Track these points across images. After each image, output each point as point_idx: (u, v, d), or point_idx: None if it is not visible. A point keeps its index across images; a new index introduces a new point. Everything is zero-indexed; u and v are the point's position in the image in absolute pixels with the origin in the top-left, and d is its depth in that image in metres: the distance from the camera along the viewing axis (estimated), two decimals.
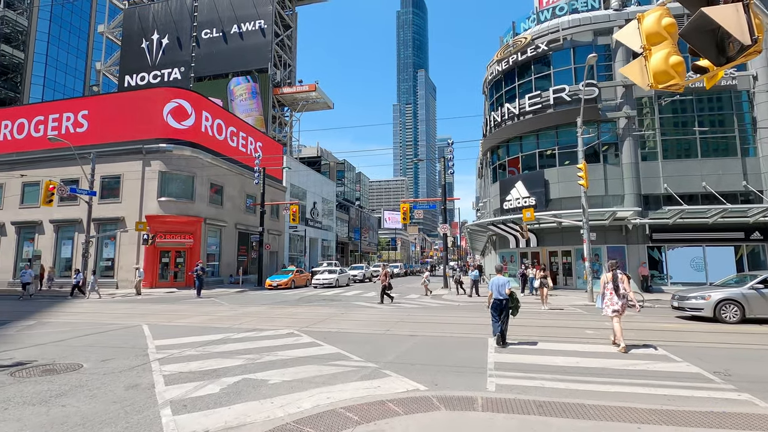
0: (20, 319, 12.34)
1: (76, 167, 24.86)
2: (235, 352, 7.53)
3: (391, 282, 17.57)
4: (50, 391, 5.20)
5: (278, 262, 37.88)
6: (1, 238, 27.99)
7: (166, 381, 5.61)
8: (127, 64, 52.65)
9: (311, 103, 53.73)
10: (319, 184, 50.82)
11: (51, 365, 6.53)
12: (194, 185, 27.44)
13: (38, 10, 61.05)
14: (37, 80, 59.89)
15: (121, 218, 25.84)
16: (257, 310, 14.65)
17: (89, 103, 30.03)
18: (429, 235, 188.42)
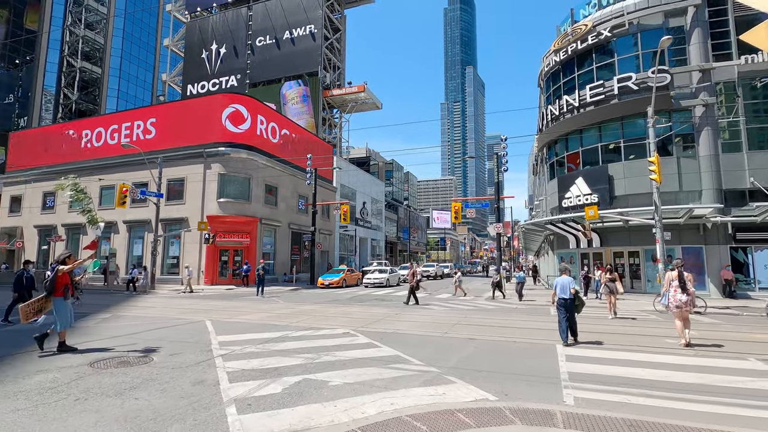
0: (98, 312, 13.28)
1: (146, 171, 26.68)
2: (293, 350, 7.53)
3: (419, 282, 16.98)
4: (124, 383, 5.40)
5: (329, 261, 38.51)
6: (82, 237, 30.68)
7: (229, 378, 5.65)
8: (189, 74, 55.95)
9: (360, 104, 54.24)
10: (368, 184, 51.16)
11: (125, 358, 6.84)
12: (250, 186, 28.50)
13: (113, 29, 66.56)
14: (112, 92, 65.31)
15: (185, 218, 27.37)
16: (312, 308, 14.81)
17: (156, 111, 32.15)
18: (479, 235, 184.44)
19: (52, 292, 7.22)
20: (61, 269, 7.31)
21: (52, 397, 4.82)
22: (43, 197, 32.92)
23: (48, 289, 7.22)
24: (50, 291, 7.22)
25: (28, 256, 32.57)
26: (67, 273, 7.40)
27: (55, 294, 7.24)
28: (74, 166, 31.60)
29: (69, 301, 7.39)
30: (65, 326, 7.34)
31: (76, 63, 61.92)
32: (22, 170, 34.41)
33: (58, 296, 7.25)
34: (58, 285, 7.24)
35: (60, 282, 7.26)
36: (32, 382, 5.44)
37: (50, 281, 7.20)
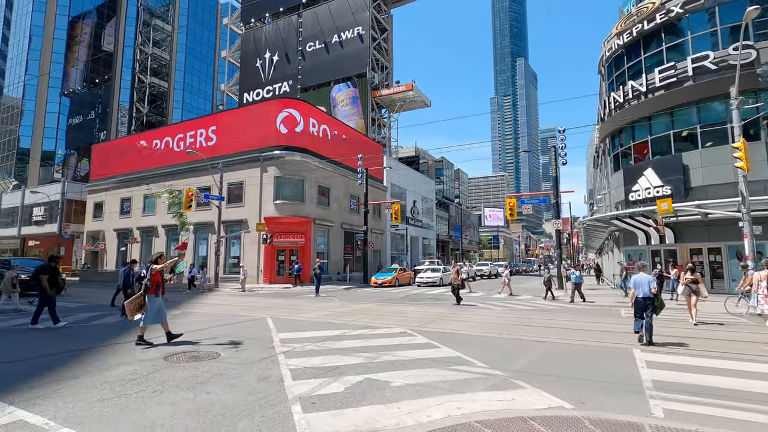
0: (170, 309, 14.16)
1: (208, 176, 28.28)
2: (352, 349, 7.51)
3: (464, 281, 16.36)
4: (195, 377, 5.62)
5: (381, 260, 38.71)
6: (154, 239, 33.15)
7: (293, 375, 5.71)
8: (245, 82, 58.69)
9: (408, 103, 54.06)
10: (418, 183, 50.85)
11: (195, 352, 7.17)
12: (304, 188, 29.30)
13: (176, 45, 71.46)
14: (177, 104, 70.14)
15: (245, 220, 28.67)
16: (367, 307, 14.87)
17: (216, 119, 33.98)
18: (534, 233, 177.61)
19: (147, 289, 7.78)
20: (154, 268, 7.89)
21: (132, 388, 5.11)
22: (121, 203, 35.95)
23: (143, 287, 7.81)
24: (146, 289, 7.79)
25: (109, 257, 35.79)
26: (159, 272, 7.95)
27: (149, 291, 7.81)
28: (146, 173, 34.27)
29: (159, 298, 7.96)
30: (150, 322, 7.85)
31: (146, 79, 67.16)
32: (103, 179, 37.81)
33: (151, 293, 7.83)
34: (152, 283, 7.83)
35: (153, 280, 7.84)
36: (116, 373, 5.82)
37: (147, 280, 7.80)
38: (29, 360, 6.74)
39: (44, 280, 9.99)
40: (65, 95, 61.70)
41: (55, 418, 4.13)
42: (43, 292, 9.99)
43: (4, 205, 47.47)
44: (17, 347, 7.90)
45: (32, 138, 58.88)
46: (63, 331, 9.71)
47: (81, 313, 12.85)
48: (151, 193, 32.22)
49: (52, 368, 6.11)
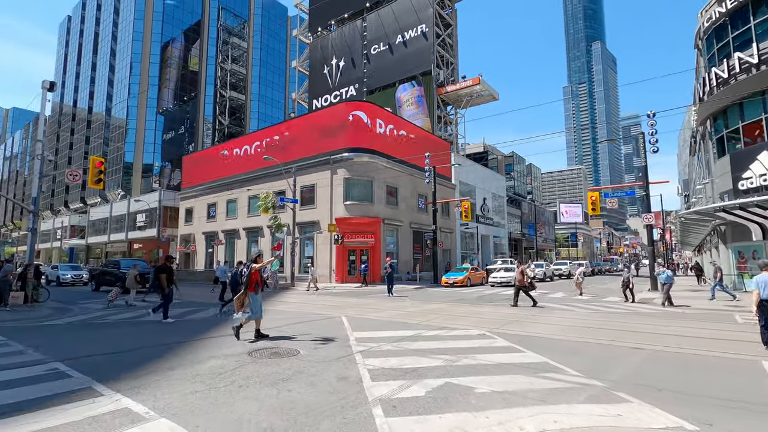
0: None
1: (283, 180, 29.70)
2: (429, 351, 7.25)
3: (532, 282, 15.09)
4: (277, 374, 5.72)
5: (450, 259, 37.96)
6: (236, 241, 35.59)
7: (371, 376, 5.59)
8: (314, 89, 61.01)
9: (476, 98, 52.52)
10: (488, 180, 49.18)
11: (276, 349, 7.37)
12: (373, 188, 29.62)
13: (252, 59, 76.46)
14: (254, 115, 74.98)
15: (317, 221, 29.68)
16: (440, 307, 14.51)
17: (288, 126, 35.60)
18: (617, 229, 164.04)
19: (248, 287, 8.26)
20: (253, 267, 8.38)
21: (221, 382, 5.32)
22: (207, 208, 39.13)
23: (245, 285, 8.29)
24: (246, 286, 8.26)
25: (199, 258, 39.06)
26: (258, 271, 8.45)
27: (249, 289, 8.26)
28: (228, 180, 36.91)
29: (259, 295, 8.47)
30: (256, 317, 8.33)
31: (226, 93, 72.62)
32: (192, 187, 41.46)
33: (251, 291, 8.28)
34: (251, 281, 8.32)
35: (252, 279, 8.33)
36: (206, 366, 6.13)
37: (246, 278, 8.28)
38: (134, 351, 7.39)
39: (163, 278, 11.06)
40: (160, 113, 68.82)
41: (154, 408, 4.38)
42: (162, 290, 11.07)
43: (114, 213, 54.09)
44: (125, 339, 8.73)
45: (134, 153, 66.44)
46: (163, 325, 10.61)
47: (176, 309, 14.01)
48: (255, 195, 33.97)
49: (151, 359, 6.61)
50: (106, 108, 73.36)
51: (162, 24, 68.18)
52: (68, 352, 7.25)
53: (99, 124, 74.89)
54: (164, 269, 11.21)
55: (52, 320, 11.60)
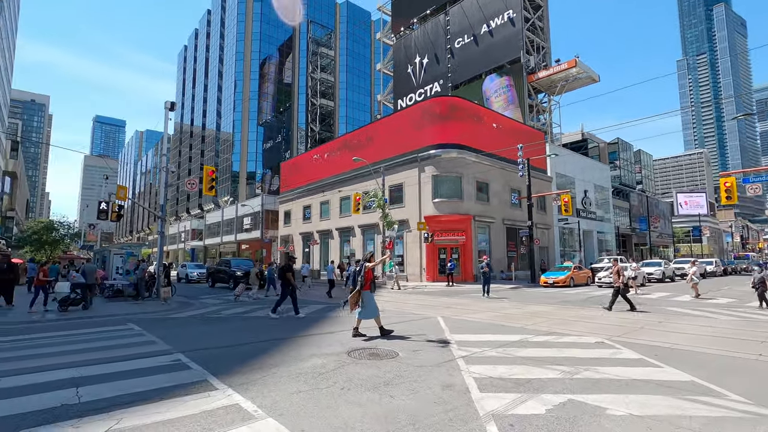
0: (340, 305, 15.25)
1: (371, 180, 30.19)
2: (541, 359, 6.49)
3: (629, 284, 12.80)
4: (378, 377, 5.50)
5: (548, 257, 35.33)
6: (330, 241, 37.15)
7: (479, 386, 5.08)
8: (398, 89, 61.45)
9: (571, 82, 48.33)
10: (589, 170, 44.89)
11: (374, 350, 7.21)
12: (462, 185, 28.70)
13: (339, 66, 79.70)
14: (342, 119, 78.07)
15: (406, 220, 29.63)
16: (542, 309, 13.32)
17: (375, 127, 36.21)
18: (753, 221, 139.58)
19: (362, 286, 8.31)
20: (367, 266, 8.41)
21: (323, 383, 5.24)
22: (303, 210, 41.49)
23: (360, 284, 8.33)
24: (361, 285, 8.28)
25: (297, 257, 41.59)
26: (371, 270, 8.44)
27: (363, 288, 8.29)
28: (320, 183, 38.70)
29: (373, 294, 8.44)
30: (368, 317, 8.35)
31: (317, 101, 76.65)
32: (289, 191, 44.34)
33: (365, 290, 8.31)
34: (366, 280, 8.31)
35: (366, 277, 8.32)
36: (308, 365, 6.16)
37: (361, 277, 8.33)
38: (243, 345, 7.79)
39: (290, 277, 11.53)
40: (260, 125, 75.05)
41: (262, 406, 4.40)
42: (287, 286, 11.61)
43: (225, 217, 60.27)
44: (235, 333, 9.33)
45: (240, 162, 73.39)
46: (268, 321, 11.21)
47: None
48: (346, 196, 35.08)
49: (258, 355, 6.86)
50: (216, 124, 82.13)
51: (260, 43, 74.23)
52: (188, 344, 7.89)
53: (211, 138, 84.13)
54: (290, 268, 11.70)
55: (176, 313, 12.97)
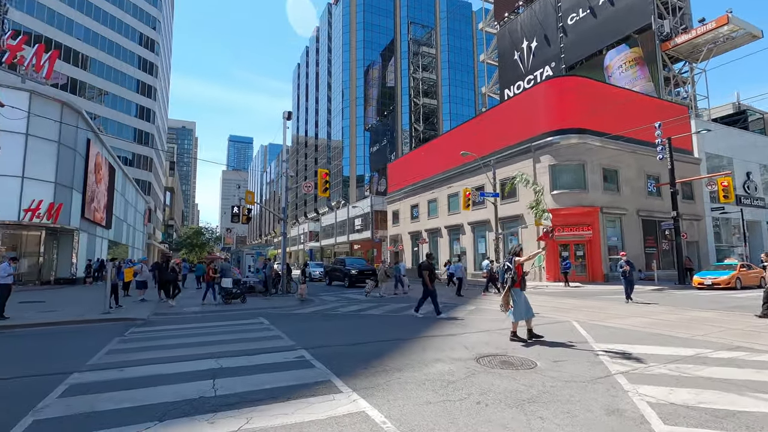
0: (463, 305, 14.43)
1: (480, 175, 28.75)
2: (738, 383, 4.93)
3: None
4: (518, 391, 4.67)
5: (699, 253, 29.69)
6: (439, 239, 36.50)
7: (660, 415, 3.92)
8: (505, 79, 58.14)
9: (721, 43, 40.13)
10: (749, 148, 36.73)
11: (506, 357, 6.35)
12: (585, 173, 25.63)
13: (440, 63, 78.79)
14: (446, 116, 77.01)
15: (520, 215, 27.53)
16: (707, 316, 10.83)
17: (481, 120, 34.54)
18: None
19: (513, 282, 7.47)
20: (517, 260, 7.55)
21: (454, 394, 4.60)
22: (410, 209, 41.56)
23: (510, 281, 7.51)
24: (512, 282, 7.47)
25: (406, 256, 41.86)
26: (521, 265, 7.60)
27: (514, 285, 7.49)
28: (427, 181, 38.30)
29: (524, 292, 7.56)
30: (521, 317, 7.42)
31: (419, 101, 76.82)
32: (396, 191, 44.86)
33: (516, 287, 7.48)
34: (517, 276, 7.49)
35: (517, 273, 7.50)
36: (434, 371, 5.59)
37: (512, 273, 7.51)
38: (363, 345, 7.56)
39: (427, 275, 10.98)
40: (366, 130, 77.99)
41: (390, 417, 3.93)
42: (426, 286, 11.08)
43: (338, 219, 63.78)
44: (354, 331, 9.24)
45: (349, 167, 77.14)
46: (385, 319, 11.01)
47: (393, 304, 14.67)
48: (454, 193, 33.99)
49: (380, 356, 6.52)
50: (326, 132, 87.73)
51: (363, 51, 77.15)
52: (311, 340, 7.95)
53: (323, 146, 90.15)
54: (428, 266, 11.27)
55: (299, 309, 13.60)
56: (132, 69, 62.24)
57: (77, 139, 24.89)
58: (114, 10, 59.56)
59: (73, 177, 24.53)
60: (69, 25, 53.39)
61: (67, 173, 23.66)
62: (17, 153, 20.86)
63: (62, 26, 52.33)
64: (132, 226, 45.39)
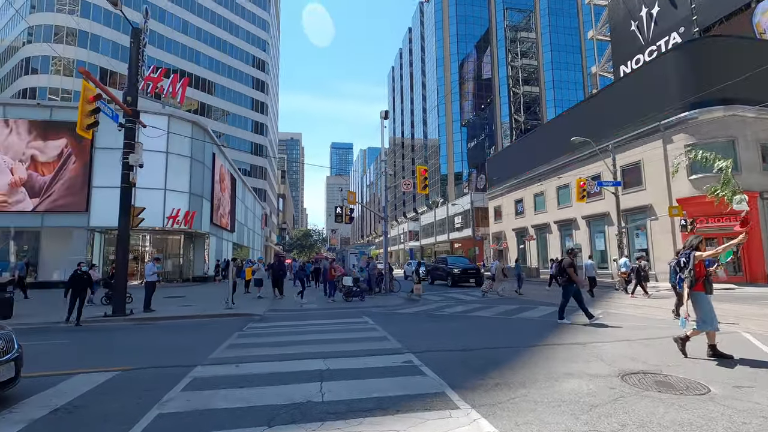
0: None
1: (596, 163, 25.67)
2: None
3: None
4: (694, 426, 3.55)
5: None
6: (548, 235, 33.59)
7: None
8: (620, 54, 51.53)
9: None
10: None
11: (661, 375, 5.09)
12: (736, 151, 21.19)
13: (541, 47, 73.28)
14: (549, 103, 71.34)
15: (648, 206, 23.88)
16: None
17: (595, 101, 30.85)
18: None
19: (693, 284, 6.08)
20: (697, 256, 6.13)
21: (602, 423, 3.66)
22: (514, 204, 39.05)
23: (690, 282, 6.11)
24: (691, 284, 6.09)
25: (511, 255, 39.44)
26: (702, 261, 6.17)
27: (695, 287, 6.10)
28: (532, 174, 35.54)
29: (708, 297, 6.13)
30: (707, 327, 5.96)
31: (519, 90, 72.36)
32: (498, 186, 42.56)
33: (697, 290, 6.08)
34: (697, 277, 6.08)
35: (698, 273, 6.10)
36: (567, 389, 4.65)
37: (689, 272, 6.13)
38: (475, 351, 6.83)
39: (572, 272, 9.69)
40: (463, 126, 75.92)
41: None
42: (569, 285, 9.70)
43: (437, 218, 63.08)
44: (463, 335, 8.53)
45: (447, 165, 75.87)
46: (496, 322, 10.09)
47: (503, 305, 13.55)
48: (564, 185, 31.34)
49: (497, 366, 5.74)
50: (422, 132, 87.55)
51: (457, 45, 75.29)
52: (418, 343, 7.46)
53: (419, 146, 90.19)
54: (571, 263, 9.79)
55: (403, 309, 13.28)
56: (247, 89, 69.37)
57: (205, 153, 28.21)
58: (231, 38, 66.96)
59: (203, 187, 27.83)
60: (197, 57, 61.44)
61: (197, 184, 26.92)
62: (160, 169, 24.28)
63: (191, 58, 60.42)
64: (251, 230, 50.36)
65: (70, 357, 7.15)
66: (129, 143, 12.20)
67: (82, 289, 10.89)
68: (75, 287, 10.76)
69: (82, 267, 11.33)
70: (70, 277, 10.98)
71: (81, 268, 11.25)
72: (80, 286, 10.85)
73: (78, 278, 10.89)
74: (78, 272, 11.03)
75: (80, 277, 10.96)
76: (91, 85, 9.89)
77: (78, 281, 10.85)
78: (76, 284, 10.81)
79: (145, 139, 24.07)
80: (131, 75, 12.52)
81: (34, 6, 48.59)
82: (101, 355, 7.27)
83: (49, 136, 23.08)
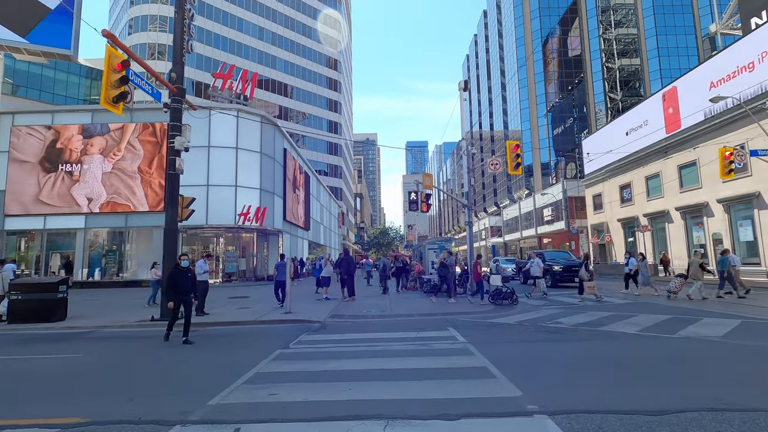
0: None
1: (737, 132, 19.95)
2: None
3: None
4: None
5: None
6: (667, 225, 27.68)
7: None
8: (748, 5, 42.19)
9: None
10: None
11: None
12: None
13: (642, 11, 63.73)
14: (654, 75, 61.65)
15: None
16: None
17: (717, 65, 24.36)
18: None
19: None
20: None
21: None
22: (620, 191, 33.23)
23: None
24: None
25: (617, 248, 33.67)
26: None
27: None
28: (641, 153, 29.65)
29: None
30: None
31: (614, 64, 63.65)
32: (596, 171, 36.74)
33: None
34: None
35: None
36: None
37: None
38: (676, 414, 3.79)
39: None
40: (548, 111, 68.97)
41: None
42: None
43: (522, 211, 57.68)
44: (614, 369, 5.43)
45: (531, 154, 69.48)
46: (656, 344, 6.76)
47: (644, 314, 9.90)
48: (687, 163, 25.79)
49: None
50: (503, 123, 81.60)
51: (540, 20, 68.64)
52: (547, 384, 4.57)
53: (499, 137, 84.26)
54: None
55: (498, 318, 10.24)
56: (321, 89, 69.90)
57: (275, 149, 27.43)
58: (305, 40, 67.89)
59: (274, 183, 27.05)
60: (273, 61, 63.05)
61: (268, 180, 26.14)
62: (230, 165, 23.78)
63: (269, 63, 62.10)
64: (328, 228, 49.91)
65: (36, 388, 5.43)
66: (175, 125, 10.81)
67: (185, 291, 7.84)
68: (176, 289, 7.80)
69: (182, 262, 8.21)
70: (169, 275, 8.09)
71: (182, 262, 8.17)
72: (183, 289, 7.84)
73: (181, 274, 7.90)
74: (179, 268, 8.02)
75: (183, 273, 7.95)
76: (117, 50, 8.44)
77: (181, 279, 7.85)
78: (177, 285, 7.81)
79: (216, 136, 23.95)
80: (176, 50, 11.16)
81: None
82: (77, 387, 5.19)
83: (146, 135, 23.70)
